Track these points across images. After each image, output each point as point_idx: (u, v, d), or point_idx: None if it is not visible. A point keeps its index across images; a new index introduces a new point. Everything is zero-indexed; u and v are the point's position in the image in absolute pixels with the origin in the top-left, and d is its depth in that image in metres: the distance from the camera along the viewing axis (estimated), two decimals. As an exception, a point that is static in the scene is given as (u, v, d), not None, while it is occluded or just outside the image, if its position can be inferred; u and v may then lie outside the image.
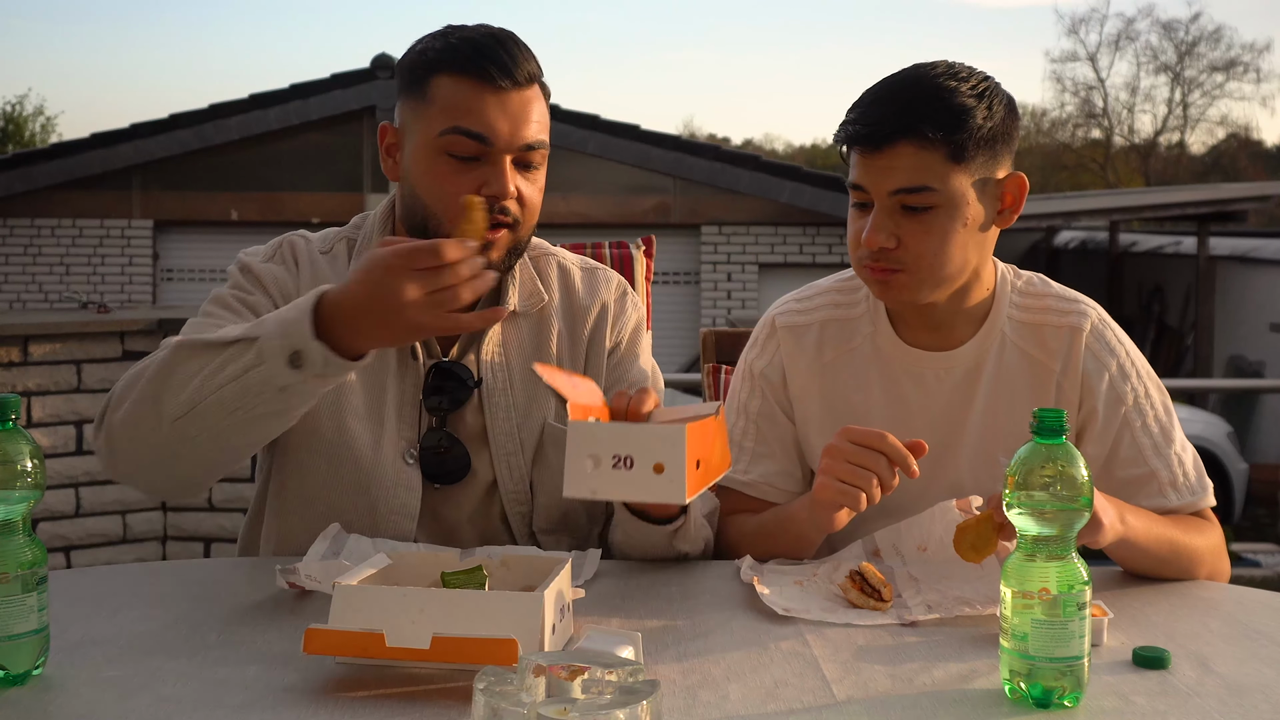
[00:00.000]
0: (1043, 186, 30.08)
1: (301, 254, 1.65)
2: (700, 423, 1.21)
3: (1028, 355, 1.61)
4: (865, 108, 1.51)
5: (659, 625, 1.32)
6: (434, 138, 1.52)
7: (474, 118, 1.50)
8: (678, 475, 1.15)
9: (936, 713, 1.09)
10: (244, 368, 1.34)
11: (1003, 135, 1.52)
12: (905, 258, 1.51)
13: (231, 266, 1.65)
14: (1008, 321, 1.62)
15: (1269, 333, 11.75)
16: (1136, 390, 1.60)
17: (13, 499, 1.11)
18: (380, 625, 1.12)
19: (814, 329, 1.68)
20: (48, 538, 4.44)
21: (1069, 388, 1.60)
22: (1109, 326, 1.63)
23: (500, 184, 1.51)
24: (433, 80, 1.53)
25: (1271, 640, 1.29)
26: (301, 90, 10.48)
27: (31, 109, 27.60)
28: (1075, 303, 1.64)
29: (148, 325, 4.67)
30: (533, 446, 1.64)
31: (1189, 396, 10.91)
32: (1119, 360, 1.61)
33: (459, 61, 1.52)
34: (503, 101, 1.51)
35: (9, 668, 1.12)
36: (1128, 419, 1.59)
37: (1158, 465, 1.57)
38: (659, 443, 1.16)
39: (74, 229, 10.59)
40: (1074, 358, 1.60)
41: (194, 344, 1.38)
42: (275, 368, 1.32)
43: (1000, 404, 1.61)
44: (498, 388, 1.63)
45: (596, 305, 1.71)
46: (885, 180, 1.49)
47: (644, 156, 10.39)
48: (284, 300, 1.58)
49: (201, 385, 1.35)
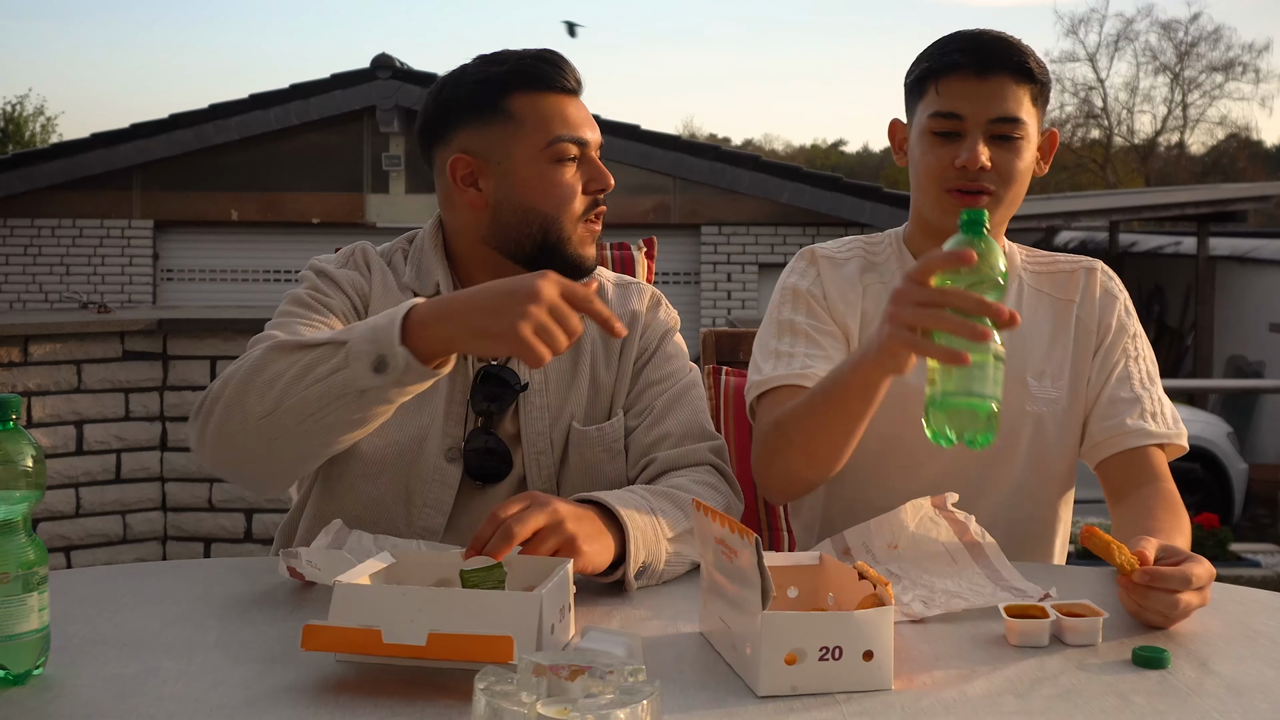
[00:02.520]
0: (1043, 186, 30.07)
1: (373, 260, 1.71)
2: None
3: (1046, 295, 1.80)
4: (965, 41, 1.67)
5: (659, 625, 1.32)
6: (540, 150, 1.61)
7: (570, 124, 1.63)
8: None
9: (937, 712, 1.09)
10: (331, 369, 1.37)
11: (1049, 96, 1.72)
12: (995, 180, 1.66)
13: (305, 270, 1.69)
14: (1023, 272, 1.81)
15: (1269, 333, 11.76)
16: (1137, 330, 1.80)
17: (13, 499, 1.11)
18: (378, 623, 1.12)
19: (850, 263, 1.82)
20: (48, 538, 4.44)
21: (1086, 316, 1.78)
22: (1113, 276, 1.84)
23: (604, 178, 1.66)
24: (511, 101, 1.62)
25: (1271, 640, 1.29)
26: (301, 90, 10.48)
27: (32, 109, 27.66)
28: (1082, 258, 1.84)
29: (148, 325, 4.67)
30: (561, 447, 1.69)
31: (1189, 396, 10.91)
32: (1125, 300, 1.82)
33: (533, 78, 1.62)
34: (578, 106, 1.66)
35: (9, 668, 1.12)
36: (1127, 349, 1.77)
37: (1143, 394, 1.73)
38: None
39: (74, 229, 10.59)
40: (1091, 290, 1.80)
41: (286, 344, 1.41)
42: (359, 370, 1.35)
43: (1024, 332, 1.72)
44: (534, 389, 1.68)
45: (627, 315, 1.75)
46: (987, 108, 1.64)
47: (644, 156, 10.40)
48: (360, 301, 1.66)
49: (289, 384, 1.39)
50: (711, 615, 1.26)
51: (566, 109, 1.63)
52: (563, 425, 1.69)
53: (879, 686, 1.12)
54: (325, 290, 1.65)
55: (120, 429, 4.65)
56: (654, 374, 1.73)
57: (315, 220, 10.57)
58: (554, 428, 1.68)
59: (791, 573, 1.31)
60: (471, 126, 1.63)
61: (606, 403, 1.72)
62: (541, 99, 1.62)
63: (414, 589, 1.17)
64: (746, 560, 1.14)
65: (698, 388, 1.77)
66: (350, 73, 10.46)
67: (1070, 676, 1.17)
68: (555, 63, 1.64)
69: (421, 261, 1.69)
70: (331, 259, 1.71)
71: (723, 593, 1.22)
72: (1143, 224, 17.24)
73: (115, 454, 4.65)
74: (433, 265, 1.68)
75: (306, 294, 1.63)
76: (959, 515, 1.47)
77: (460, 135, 1.63)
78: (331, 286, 1.65)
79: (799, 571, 1.31)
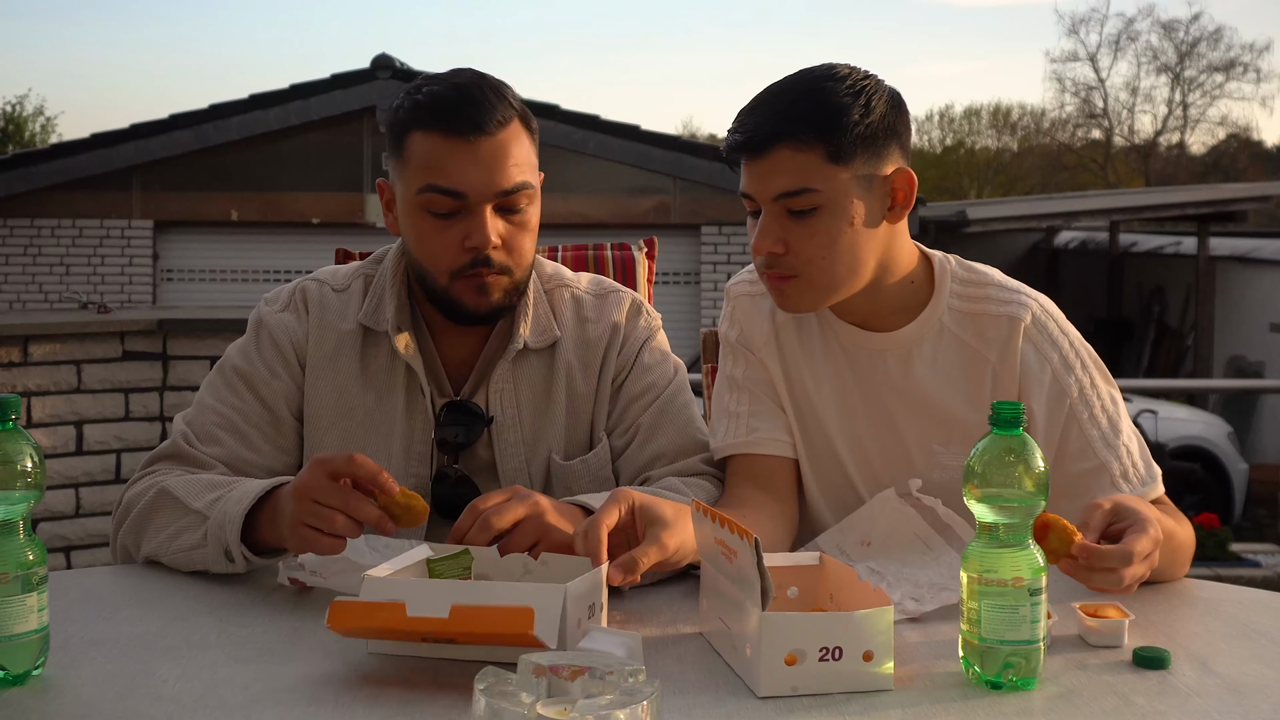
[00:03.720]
0: (1043, 186, 30.10)
1: (313, 300, 1.69)
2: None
3: (964, 343, 1.61)
4: (744, 116, 1.53)
5: (659, 625, 1.32)
6: (414, 196, 1.55)
7: (446, 174, 1.52)
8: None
9: (937, 712, 1.09)
10: (194, 543, 1.47)
11: (885, 131, 1.52)
12: (796, 262, 1.53)
13: (252, 315, 1.70)
14: (947, 310, 1.61)
15: (1269, 333, 11.76)
16: (1081, 381, 1.58)
17: (13, 499, 1.11)
18: (403, 598, 1.14)
19: (763, 297, 1.68)
20: (48, 538, 4.44)
21: (1006, 378, 1.59)
22: (1051, 317, 1.62)
23: (481, 235, 1.53)
24: (408, 138, 1.56)
25: (1271, 640, 1.29)
26: (301, 90, 10.47)
27: (31, 109, 27.64)
28: (1016, 293, 1.63)
29: (148, 325, 4.67)
30: (542, 480, 1.66)
31: (1189, 396, 10.92)
32: (1061, 352, 1.59)
33: (427, 118, 1.54)
34: (473, 152, 1.52)
35: (9, 668, 1.12)
36: (1074, 411, 1.57)
37: (1108, 457, 1.55)
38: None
39: (74, 229, 10.59)
40: (1011, 348, 1.58)
41: (171, 498, 1.51)
42: (214, 553, 1.45)
43: (934, 390, 1.61)
44: (507, 423, 1.65)
45: (608, 330, 1.70)
46: (767, 185, 1.51)
47: (644, 157, 10.38)
48: (294, 351, 1.65)
49: (165, 543, 1.50)
50: (711, 616, 1.26)
51: (452, 156, 1.52)
52: (540, 458, 1.66)
53: (879, 687, 1.12)
54: (255, 358, 1.65)
55: (120, 429, 4.64)
56: (634, 388, 1.69)
57: (315, 220, 10.56)
58: (531, 461, 1.66)
59: (791, 573, 1.31)
60: (388, 154, 1.62)
61: (586, 427, 1.68)
62: (430, 141, 1.53)
63: (441, 581, 1.20)
64: (746, 561, 1.14)
65: (683, 392, 1.72)
66: (350, 73, 10.45)
67: (1070, 676, 1.17)
68: (459, 103, 1.52)
69: (382, 295, 1.66)
70: (276, 301, 1.69)
71: (723, 593, 1.22)
72: (1143, 224, 17.24)
73: (115, 454, 4.64)
74: (387, 301, 1.64)
75: (233, 369, 1.65)
76: (925, 501, 1.46)
77: (388, 161, 1.63)
78: (267, 345, 1.65)
79: (799, 571, 1.31)
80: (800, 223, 1.51)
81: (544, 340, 1.67)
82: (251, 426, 1.62)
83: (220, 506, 1.45)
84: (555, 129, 9.76)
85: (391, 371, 1.65)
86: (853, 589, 1.22)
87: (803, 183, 1.49)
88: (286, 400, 1.64)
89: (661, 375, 1.71)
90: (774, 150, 1.49)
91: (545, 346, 1.68)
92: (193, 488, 1.51)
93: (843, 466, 1.64)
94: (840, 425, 1.64)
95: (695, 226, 10.59)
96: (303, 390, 1.65)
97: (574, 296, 1.73)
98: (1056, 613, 1.27)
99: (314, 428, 1.64)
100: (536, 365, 1.67)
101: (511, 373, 1.66)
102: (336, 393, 1.64)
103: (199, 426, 1.61)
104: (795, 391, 1.66)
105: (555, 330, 1.68)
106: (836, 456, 1.64)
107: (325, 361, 1.65)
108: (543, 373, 1.68)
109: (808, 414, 1.65)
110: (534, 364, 1.67)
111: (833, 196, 1.50)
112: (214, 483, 1.52)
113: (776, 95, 1.53)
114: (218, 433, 1.60)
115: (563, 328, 1.69)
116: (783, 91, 1.53)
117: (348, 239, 9.50)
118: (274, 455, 1.63)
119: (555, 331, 1.68)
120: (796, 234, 1.51)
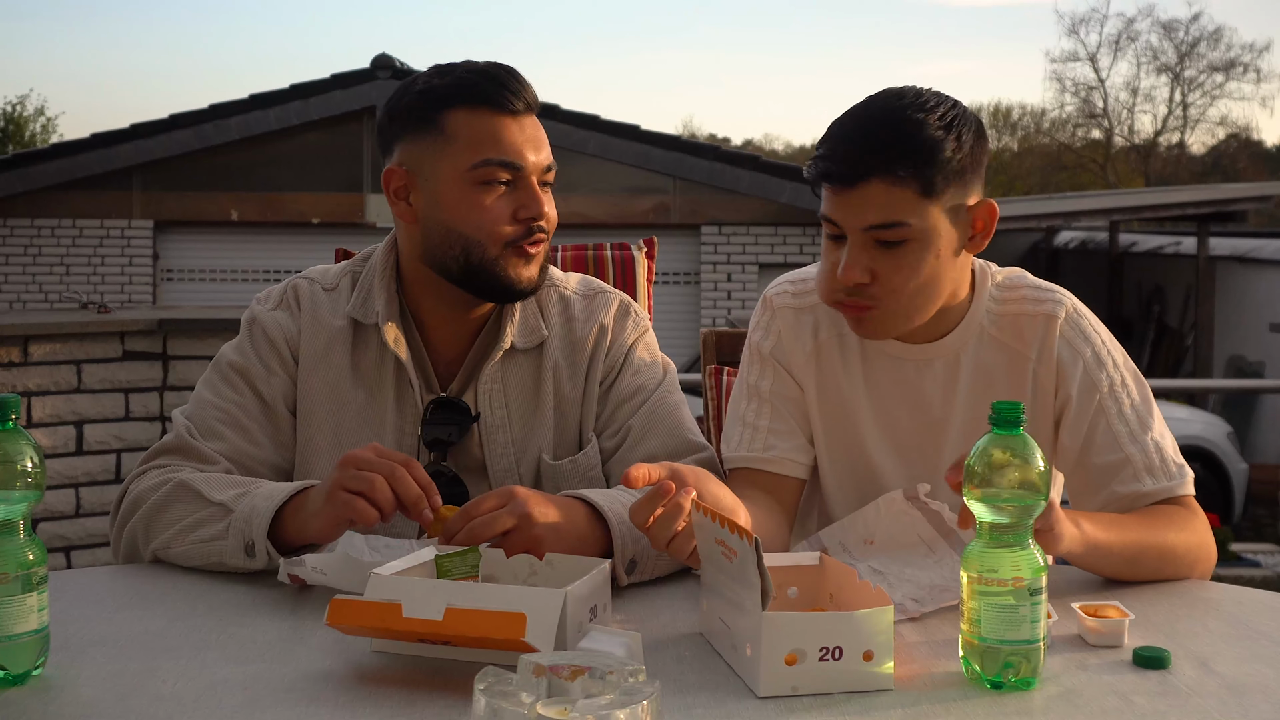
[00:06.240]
0: (1043, 186, 30.08)
1: (304, 297, 1.70)
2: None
3: (1004, 345, 1.62)
4: (835, 143, 1.51)
5: (659, 625, 1.32)
6: (466, 170, 1.56)
7: (502, 147, 1.56)
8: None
9: (937, 712, 1.09)
10: (214, 535, 1.47)
11: (972, 164, 1.53)
12: (879, 292, 1.52)
13: (245, 314, 1.70)
14: (986, 315, 1.63)
15: (1269, 333, 11.75)
16: (1112, 378, 1.60)
17: (13, 499, 1.11)
18: (400, 598, 1.15)
19: (808, 312, 1.69)
20: (48, 538, 4.43)
21: (1044, 375, 1.61)
22: (1083, 316, 1.64)
23: (537, 206, 1.58)
24: (447, 116, 1.57)
25: (1271, 640, 1.29)
26: (301, 90, 10.47)
27: (32, 109, 27.65)
28: (1050, 293, 1.65)
29: (148, 325, 4.67)
30: (532, 480, 1.66)
31: (1189, 396, 10.91)
32: (1093, 348, 1.61)
33: (472, 93, 1.57)
34: (521, 127, 1.58)
35: (9, 668, 1.12)
36: (1102, 406, 1.58)
37: (1133, 451, 1.56)
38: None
39: (74, 229, 10.59)
40: (1048, 345, 1.61)
41: (191, 490, 1.51)
42: (234, 547, 1.46)
43: (980, 394, 1.62)
44: (496, 423, 1.66)
45: (595, 331, 1.70)
46: (858, 216, 1.50)
47: (644, 157, 10.38)
48: (289, 347, 1.66)
49: (181, 533, 1.50)
50: (711, 615, 1.26)
51: (504, 130, 1.56)
52: (530, 458, 1.66)
53: (879, 686, 1.12)
54: (249, 352, 1.66)
55: (120, 429, 4.64)
56: (624, 389, 1.69)
57: (315, 220, 10.56)
58: (521, 461, 1.66)
59: (791, 573, 1.31)
60: (409, 139, 1.60)
61: (575, 428, 1.68)
62: (478, 117, 1.56)
63: (442, 582, 1.21)
64: (746, 560, 1.14)
65: (674, 392, 1.72)
66: (350, 73, 10.46)
67: (1070, 676, 1.17)
68: (501, 80, 1.57)
69: (370, 288, 1.67)
70: (269, 299, 1.71)
71: (722, 593, 1.22)
72: (1143, 224, 17.23)
73: (115, 454, 4.64)
74: (376, 293, 1.65)
75: (229, 365, 1.66)
76: (932, 505, 1.46)
77: (399, 147, 1.61)
78: (261, 341, 1.66)
79: (799, 571, 1.31)
80: (888, 253, 1.51)
81: (531, 340, 1.67)
82: (252, 421, 1.63)
83: (247, 501, 1.46)
84: (555, 129, 9.66)
85: (381, 366, 1.65)
86: (853, 589, 1.22)
87: (895, 216, 1.48)
88: (283, 396, 1.65)
89: (651, 376, 1.71)
90: (868, 183, 1.48)
91: (532, 347, 1.68)
92: (214, 482, 1.52)
93: (877, 479, 1.64)
94: (880, 436, 1.65)
95: (695, 226, 10.59)
96: (297, 385, 1.65)
97: (562, 297, 1.73)
98: (1056, 613, 1.27)
99: (307, 423, 1.65)
100: (524, 365, 1.68)
101: (500, 373, 1.66)
102: (329, 388, 1.65)
103: (200, 421, 1.62)
104: (828, 406, 1.66)
105: (543, 330, 1.68)
106: (871, 469, 1.65)
107: (318, 357, 1.65)
108: (530, 373, 1.68)
109: (843, 427, 1.66)
110: (521, 364, 1.68)
111: (923, 230, 1.50)
112: (236, 480, 1.54)
113: (868, 125, 1.51)
114: (219, 427, 1.61)
115: (550, 328, 1.69)
116: (875, 121, 1.51)
117: (348, 239, 9.50)
118: (274, 450, 1.64)
119: (543, 331, 1.68)
120: (883, 264, 1.51)
